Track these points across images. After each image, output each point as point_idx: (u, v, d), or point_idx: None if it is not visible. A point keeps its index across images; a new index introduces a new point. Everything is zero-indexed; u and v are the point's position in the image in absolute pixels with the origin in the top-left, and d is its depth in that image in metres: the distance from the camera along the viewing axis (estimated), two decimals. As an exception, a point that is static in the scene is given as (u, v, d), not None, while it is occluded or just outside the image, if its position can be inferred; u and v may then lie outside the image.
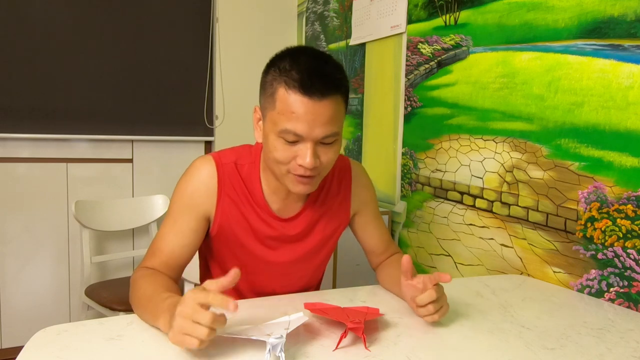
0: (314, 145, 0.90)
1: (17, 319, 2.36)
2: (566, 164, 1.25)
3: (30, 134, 2.31)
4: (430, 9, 1.74)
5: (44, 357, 0.75)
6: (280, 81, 0.89)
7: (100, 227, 2.25)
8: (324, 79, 0.88)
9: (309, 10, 2.67)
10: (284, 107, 0.88)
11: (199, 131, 2.66)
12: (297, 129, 0.88)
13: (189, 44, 2.61)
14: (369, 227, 1.18)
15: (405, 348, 0.82)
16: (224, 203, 1.02)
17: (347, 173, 1.13)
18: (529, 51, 1.35)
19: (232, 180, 1.02)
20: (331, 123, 0.89)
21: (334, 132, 0.90)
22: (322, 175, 0.97)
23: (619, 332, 0.94)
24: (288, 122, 0.88)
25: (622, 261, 1.13)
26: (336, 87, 0.90)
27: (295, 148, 0.90)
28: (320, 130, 0.88)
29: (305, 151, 0.89)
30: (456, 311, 1.01)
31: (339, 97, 0.91)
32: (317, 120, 0.87)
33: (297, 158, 0.90)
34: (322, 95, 0.87)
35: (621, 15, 1.12)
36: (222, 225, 1.03)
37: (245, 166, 1.04)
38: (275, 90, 0.90)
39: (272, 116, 0.91)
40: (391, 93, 1.96)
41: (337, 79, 0.90)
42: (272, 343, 0.72)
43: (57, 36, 2.32)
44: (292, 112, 0.87)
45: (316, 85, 0.87)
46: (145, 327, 0.87)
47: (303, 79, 0.86)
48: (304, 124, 0.87)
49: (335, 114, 0.90)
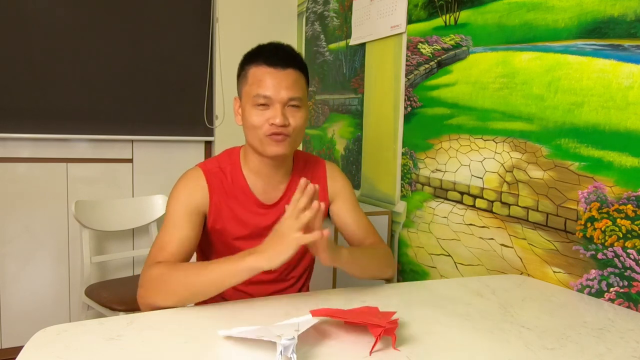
0: (282, 107, 1.08)
1: (17, 319, 2.36)
2: (566, 164, 1.25)
3: (30, 134, 2.31)
4: (430, 9, 1.74)
5: (44, 357, 0.75)
6: (249, 63, 1.12)
7: (100, 227, 2.25)
8: (284, 54, 1.11)
9: (309, 10, 2.67)
10: (254, 78, 1.09)
11: (199, 131, 2.66)
12: (266, 92, 1.07)
13: (189, 44, 2.61)
14: (345, 214, 1.26)
15: (405, 348, 0.82)
16: (215, 201, 1.15)
17: (321, 168, 1.28)
18: (529, 51, 1.35)
19: (219, 179, 1.16)
20: (294, 88, 1.09)
21: (297, 97, 1.09)
22: (294, 141, 1.12)
23: (619, 332, 0.94)
24: (259, 88, 1.08)
25: (622, 261, 1.13)
26: (295, 61, 1.11)
27: (267, 112, 1.08)
28: (285, 92, 1.08)
29: (275, 112, 1.08)
30: (456, 311, 1.01)
31: (298, 70, 1.11)
32: (282, 84, 1.08)
33: (270, 119, 1.08)
34: (284, 66, 1.09)
35: (621, 15, 1.12)
36: (215, 220, 1.15)
37: (228, 166, 1.19)
38: (247, 70, 1.12)
39: (246, 91, 1.11)
40: (391, 93, 1.96)
41: (295, 55, 1.13)
42: (283, 344, 0.71)
43: (57, 36, 2.32)
44: (261, 80, 1.08)
45: (278, 57, 1.09)
46: (145, 327, 0.87)
47: (267, 55, 1.10)
48: (271, 87, 1.07)
49: (297, 82, 1.10)
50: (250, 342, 0.79)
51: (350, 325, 0.88)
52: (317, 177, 1.26)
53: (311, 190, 0.93)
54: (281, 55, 1.10)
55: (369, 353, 0.79)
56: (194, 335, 0.84)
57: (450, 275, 1.66)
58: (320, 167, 1.28)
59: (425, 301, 1.07)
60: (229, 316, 0.93)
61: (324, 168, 1.28)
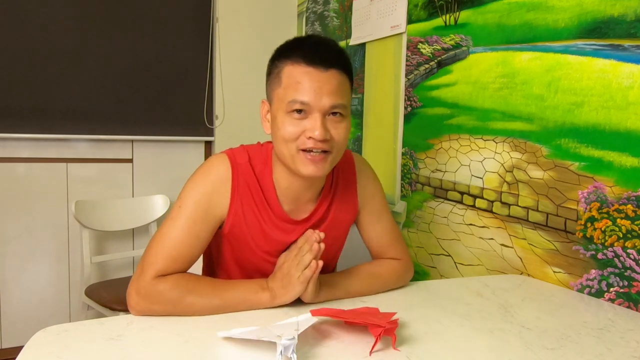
0: (323, 117, 0.90)
1: (17, 319, 2.36)
2: (566, 164, 1.25)
3: (30, 134, 2.31)
4: (430, 9, 1.74)
5: (44, 357, 0.75)
6: (284, 60, 0.93)
7: (100, 227, 2.25)
8: (327, 51, 0.92)
9: (309, 10, 2.67)
10: (290, 80, 0.91)
11: (199, 131, 2.66)
12: (304, 97, 0.89)
13: (189, 44, 2.60)
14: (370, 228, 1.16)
15: (405, 348, 0.82)
16: (237, 204, 1.01)
17: (350, 168, 1.13)
18: (529, 51, 1.35)
19: (246, 180, 1.01)
20: (337, 93, 0.90)
21: (341, 104, 0.91)
22: (334, 158, 0.95)
23: (619, 332, 0.94)
24: (295, 93, 0.89)
25: (622, 261, 1.13)
26: (339, 60, 0.93)
27: (304, 122, 0.91)
28: (327, 99, 0.89)
29: (314, 122, 0.89)
30: (456, 311, 1.01)
31: (343, 72, 0.93)
32: (323, 88, 0.89)
33: (306, 131, 0.90)
34: (327, 66, 0.90)
35: (621, 15, 1.12)
36: (234, 225, 1.02)
37: (259, 165, 1.03)
38: (281, 69, 0.93)
39: (278, 94, 0.93)
40: (391, 93, 1.96)
41: (340, 52, 0.94)
42: (283, 344, 0.70)
43: (57, 36, 2.32)
44: (298, 82, 0.90)
45: (320, 56, 0.90)
46: (145, 327, 0.87)
47: (306, 53, 0.90)
48: (310, 92, 0.89)
49: (341, 86, 0.92)
50: (250, 342, 0.79)
51: (350, 325, 0.88)
52: (349, 184, 1.12)
53: (313, 240, 0.93)
54: (324, 52, 0.91)
55: (369, 353, 0.79)
56: (194, 335, 0.84)
57: (450, 275, 1.66)
58: (349, 169, 1.12)
59: (425, 301, 1.07)
60: (228, 316, 0.93)
61: (354, 171, 1.13)
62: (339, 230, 1.13)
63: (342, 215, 1.12)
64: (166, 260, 0.94)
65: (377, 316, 0.85)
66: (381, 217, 1.16)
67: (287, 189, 1.02)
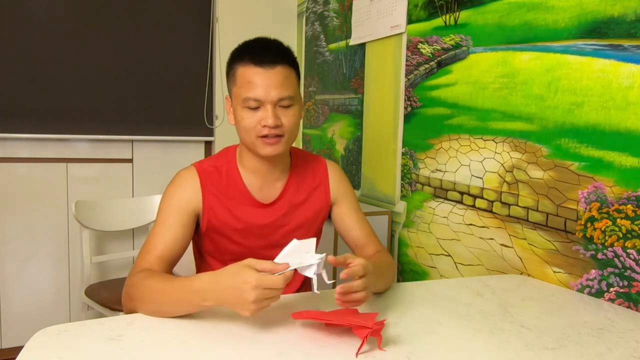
0: (273, 107, 1.05)
1: (17, 319, 2.36)
2: (566, 164, 1.25)
3: (30, 134, 2.31)
4: (430, 9, 1.74)
5: (44, 357, 0.75)
6: (237, 62, 1.08)
7: (100, 227, 2.25)
8: (272, 51, 1.07)
9: (309, 10, 2.66)
10: (243, 80, 1.06)
11: (199, 131, 2.66)
12: (255, 95, 1.04)
13: (189, 44, 2.60)
14: (349, 218, 1.24)
15: (405, 348, 0.82)
16: (209, 201, 1.13)
17: (322, 167, 1.26)
18: (529, 51, 1.35)
19: (213, 180, 1.14)
20: (284, 86, 1.05)
21: (288, 95, 1.06)
22: (288, 140, 1.10)
23: (619, 332, 0.94)
24: (248, 91, 1.05)
25: (622, 261, 1.13)
26: (284, 57, 1.07)
27: (259, 114, 1.06)
28: (275, 92, 1.05)
29: (266, 113, 1.05)
30: (456, 311, 1.01)
31: (288, 66, 1.08)
32: (271, 84, 1.04)
33: (262, 121, 1.05)
34: (273, 64, 1.05)
35: (621, 15, 1.12)
36: (210, 221, 1.14)
37: (224, 165, 1.17)
38: (235, 70, 1.08)
39: (235, 92, 1.08)
40: (391, 93, 1.96)
41: (283, 50, 1.09)
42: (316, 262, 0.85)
43: (57, 36, 2.32)
44: (249, 82, 1.05)
45: (266, 55, 1.05)
46: (145, 327, 0.87)
47: (254, 55, 1.06)
48: (260, 88, 1.04)
49: (286, 79, 1.06)
50: (249, 342, 0.79)
51: (331, 327, 0.87)
52: (318, 176, 1.24)
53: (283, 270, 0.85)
54: (269, 52, 1.07)
55: (356, 354, 0.78)
56: (194, 335, 0.84)
57: (450, 275, 1.66)
58: (321, 165, 1.26)
59: (425, 301, 1.07)
60: (228, 316, 0.93)
61: (326, 167, 1.26)
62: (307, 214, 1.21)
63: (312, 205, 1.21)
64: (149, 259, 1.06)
65: (358, 317, 0.84)
66: (358, 211, 1.27)
67: (254, 172, 1.15)
